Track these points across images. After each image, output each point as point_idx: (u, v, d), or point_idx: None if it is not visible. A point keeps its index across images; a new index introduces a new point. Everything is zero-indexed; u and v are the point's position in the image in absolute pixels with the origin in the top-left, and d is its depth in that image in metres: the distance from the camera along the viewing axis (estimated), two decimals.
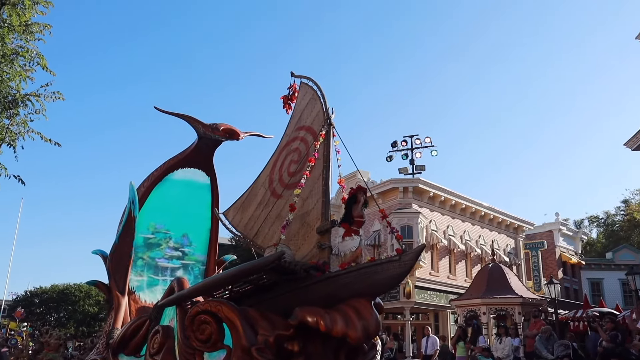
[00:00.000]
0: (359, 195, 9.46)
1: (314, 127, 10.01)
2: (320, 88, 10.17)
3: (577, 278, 45.41)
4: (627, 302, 36.96)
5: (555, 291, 26.94)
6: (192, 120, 11.79)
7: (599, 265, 44.55)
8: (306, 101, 10.55)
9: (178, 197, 12.41)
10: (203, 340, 8.51)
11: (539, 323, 22.79)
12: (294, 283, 8.61)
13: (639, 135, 23.46)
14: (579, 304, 32.77)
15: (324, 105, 9.93)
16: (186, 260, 12.50)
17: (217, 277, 8.48)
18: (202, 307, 8.55)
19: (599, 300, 32.68)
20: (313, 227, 9.44)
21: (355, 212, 9.23)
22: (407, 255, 7.93)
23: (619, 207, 58.81)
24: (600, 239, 60.47)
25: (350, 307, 7.87)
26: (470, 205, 37.21)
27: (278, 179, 10.58)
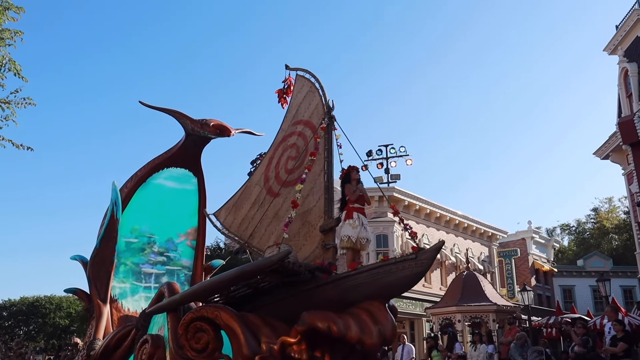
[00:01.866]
0: (353, 174, 8.72)
1: (313, 121, 9.22)
2: (319, 80, 9.41)
3: (549, 285, 45.30)
4: (597, 308, 36.81)
5: (529, 298, 26.71)
6: (179, 116, 10.85)
7: (571, 273, 44.47)
8: (303, 94, 9.77)
9: (163, 198, 11.44)
10: (199, 350, 7.61)
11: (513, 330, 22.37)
12: (297, 286, 7.78)
13: (607, 145, 23.23)
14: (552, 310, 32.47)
15: (323, 97, 9.16)
16: (171, 266, 11.52)
17: (214, 281, 7.61)
18: (198, 314, 7.66)
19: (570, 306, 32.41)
20: (315, 226, 8.63)
21: (350, 190, 8.53)
22: (424, 253, 7.16)
23: (589, 216, 58.79)
24: (572, 246, 60.37)
25: (363, 310, 7.05)
26: (444, 213, 36.69)
27: (274, 177, 9.75)
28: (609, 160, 23.69)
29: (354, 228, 8.41)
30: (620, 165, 23.51)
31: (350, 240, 8.34)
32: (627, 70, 22.23)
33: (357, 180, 8.64)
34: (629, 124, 20.10)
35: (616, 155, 23.11)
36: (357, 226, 8.42)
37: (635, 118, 19.95)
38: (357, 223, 8.44)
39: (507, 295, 37.49)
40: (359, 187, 8.57)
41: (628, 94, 22.66)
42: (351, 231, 8.41)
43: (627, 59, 22.34)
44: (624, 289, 40.86)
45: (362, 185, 8.66)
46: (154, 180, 11.40)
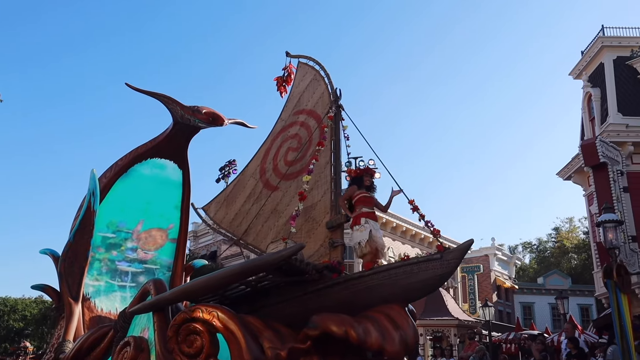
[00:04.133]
0: (366, 179, 7.75)
1: (317, 111, 8.23)
2: (324, 67, 8.43)
3: (510, 301, 45.05)
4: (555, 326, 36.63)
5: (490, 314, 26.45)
6: (168, 101, 9.60)
7: (531, 290, 44.35)
8: (306, 82, 8.77)
9: (144, 191, 10.10)
10: (191, 355, 6.42)
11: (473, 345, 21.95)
12: (302, 286, 6.72)
13: (570, 166, 22.98)
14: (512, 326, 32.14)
15: (330, 85, 8.18)
16: (150, 264, 10.19)
17: (213, 277, 6.48)
18: (192, 314, 6.47)
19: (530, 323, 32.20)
20: (320, 222, 7.60)
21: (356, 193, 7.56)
22: (450, 253, 6.20)
23: (550, 234, 58.57)
24: (533, 264, 60.04)
25: (382, 314, 6.03)
26: (410, 228, 36.03)
27: (272, 169, 8.69)
28: (571, 181, 23.39)
29: (364, 231, 7.42)
30: (581, 186, 23.29)
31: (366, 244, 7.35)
32: (591, 94, 22.11)
33: (368, 186, 7.73)
34: (591, 147, 19.88)
35: (578, 176, 22.87)
36: (365, 228, 7.42)
37: (597, 141, 19.72)
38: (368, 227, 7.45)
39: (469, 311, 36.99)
40: None
41: (591, 118, 22.50)
42: (361, 235, 7.42)
43: (591, 84, 22.22)
44: (581, 307, 40.89)
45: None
46: (135, 171, 10.09)
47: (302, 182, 7.62)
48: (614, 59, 21.41)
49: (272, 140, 9.08)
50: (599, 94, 21.64)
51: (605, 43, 21.51)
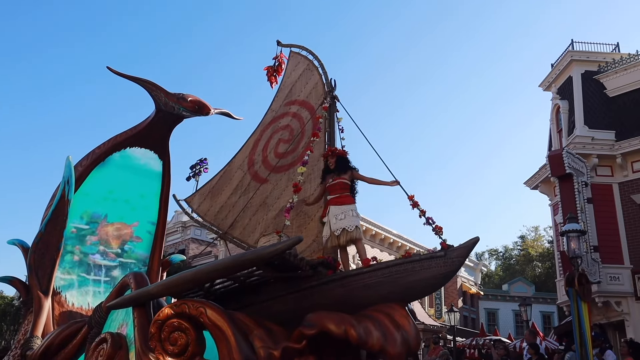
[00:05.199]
0: (329, 160, 7.19)
1: (311, 102, 7.75)
2: (318, 57, 7.95)
3: (475, 307, 45.02)
4: (518, 332, 36.70)
5: (455, 319, 26.27)
6: (152, 87, 8.91)
7: (496, 296, 44.35)
8: (299, 72, 8.28)
9: (121, 182, 9.41)
10: (175, 353, 5.84)
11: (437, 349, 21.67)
12: (294, 283, 6.20)
13: (537, 176, 22.96)
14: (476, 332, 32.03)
15: (324, 75, 7.70)
16: (125, 259, 9.49)
17: (201, 271, 5.90)
18: (177, 309, 5.89)
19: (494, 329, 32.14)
20: (312, 217, 7.11)
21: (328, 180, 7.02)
22: (454, 250, 5.75)
23: (516, 242, 58.40)
24: (498, 271, 60.13)
25: (382, 314, 5.55)
26: (380, 232, 35.63)
27: (262, 161, 8.15)
28: (537, 191, 23.36)
29: (326, 225, 6.95)
30: (547, 196, 23.27)
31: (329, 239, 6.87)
32: (559, 107, 22.11)
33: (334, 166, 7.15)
34: (558, 158, 19.83)
35: (544, 186, 22.84)
36: (327, 222, 6.92)
37: (564, 152, 19.69)
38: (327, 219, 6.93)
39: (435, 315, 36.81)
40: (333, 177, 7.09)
41: (559, 129, 22.50)
42: (324, 230, 6.98)
43: (559, 97, 22.23)
44: (544, 314, 41.11)
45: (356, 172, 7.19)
46: (113, 160, 9.40)
47: (294, 174, 7.13)
48: (582, 73, 21.44)
49: (261, 131, 8.55)
50: (567, 107, 21.66)
51: (574, 57, 21.54)
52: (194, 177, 31.78)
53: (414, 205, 6.69)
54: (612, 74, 21.18)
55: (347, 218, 6.83)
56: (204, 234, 30.29)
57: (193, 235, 31.88)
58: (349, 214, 6.87)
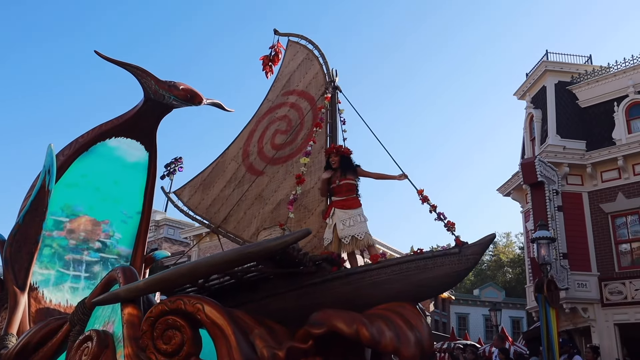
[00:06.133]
0: (331, 158, 6.70)
1: (310, 92, 7.30)
2: (318, 47, 7.50)
3: (446, 312, 44.86)
4: (488, 337, 36.61)
5: None
6: (142, 74, 8.28)
7: (467, 301, 44.19)
8: (297, 62, 7.82)
9: (105, 173, 8.76)
10: (169, 353, 5.29)
11: None
12: (296, 279, 5.72)
13: (510, 183, 22.92)
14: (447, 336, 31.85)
15: (325, 65, 7.25)
16: (106, 254, 8.84)
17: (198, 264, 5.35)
18: (172, 305, 5.34)
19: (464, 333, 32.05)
20: (312, 211, 6.64)
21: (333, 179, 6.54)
22: (470, 247, 5.35)
23: (488, 248, 57.77)
24: (470, 276, 59.45)
25: (394, 313, 5.11)
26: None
27: (257, 152, 7.65)
28: (510, 198, 23.30)
29: (329, 228, 6.45)
30: (519, 203, 23.23)
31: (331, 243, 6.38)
32: (533, 115, 22.11)
33: (337, 165, 6.69)
34: (530, 166, 19.78)
35: (517, 193, 22.78)
36: (331, 225, 6.44)
37: (536, 161, 19.64)
38: (331, 222, 6.46)
39: None
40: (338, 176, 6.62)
41: (532, 138, 22.50)
42: (326, 233, 6.49)
43: (533, 106, 22.23)
44: (513, 319, 41.16)
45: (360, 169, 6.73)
46: (97, 150, 8.75)
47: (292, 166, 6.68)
48: (556, 83, 21.49)
49: (257, 121, 8.05)
50: (540, 116, 21.67)
51: (548, 67, 21.58)
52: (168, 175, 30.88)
53: (424, 200, 6.25)
54: (585, 85, 21.28)
55: (357, 225, 6.37)
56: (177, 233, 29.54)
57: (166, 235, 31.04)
58: (357, 220, 6.41)
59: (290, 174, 7.01)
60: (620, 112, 20.20)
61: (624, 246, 19.83)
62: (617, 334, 18.91)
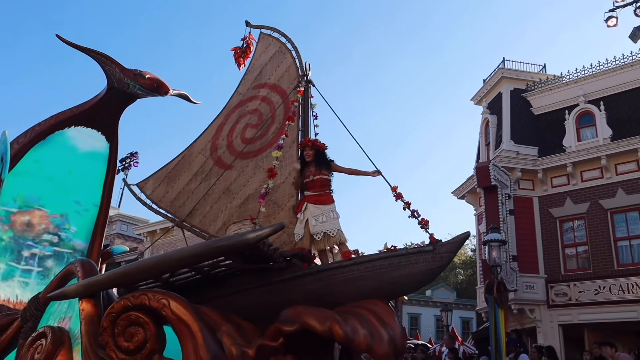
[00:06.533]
0: (305, 152, 6.49)
1: (282, 85, 7.08)
2: (291, 40, 7.29)
3: (399, 312, 45.03)
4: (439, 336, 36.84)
5: None
6: (106, 61, 7.86)
7: (419, 301, 44.30)
8: (269, 55, 7.59)
9: (62, 164, 8.29)
10: (130, 350, 5.00)
11: None
12: (265, 275, 5.50)
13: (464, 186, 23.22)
14: None
15: (298, 59, 7.05)
16: (61, 248, 8.35)
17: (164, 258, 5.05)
18: (135, 301, 5.06)
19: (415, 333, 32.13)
20: (282, 206, 6.42)
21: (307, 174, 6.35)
22: (444, 245, 5.25)
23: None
24: None
25: (367, 311, 4.96)
26: None
27: (226, 146, 7.37)
28: (464, 201, 23.57)
29: (300, 223, 6.24)
30: (473, 206, 23.51)
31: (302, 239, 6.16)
32: (489, 121, 22.41)
33: (312, 159, 6.46)
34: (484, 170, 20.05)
35: (471, 196, 23.06)
36: (302, 221, 6.23)
37: (490, 165, 19.92)
38: (303, 217, 6.25)
39: None
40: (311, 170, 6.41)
41: (487, 143, 22.79)
42: (298, 228, 6.28)
43: (489, 111, 22.53)
44: (463, 320, 41.56)
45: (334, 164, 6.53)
46: (54, 139, 8.27)
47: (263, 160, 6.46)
48: (512, 90, 21.81)
49: (226, 114, 7.77)
50: (496, 121, 21.97)
51: (505, 74, 21.89)
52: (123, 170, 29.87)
53: (398, 197, 6.12)
54: (538, 93, 21.70)
55: (329, 221, 6.16)
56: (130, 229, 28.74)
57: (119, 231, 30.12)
58: (330, 216, 6.21)
59: (260, 169, 6.79)
60: (571, 120, 20.65)
61: (570, 250, 20.26)
62: (560, 334, 19.33)
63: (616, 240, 19.20)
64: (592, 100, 20.49)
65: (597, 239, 19.32)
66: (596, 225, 19.44)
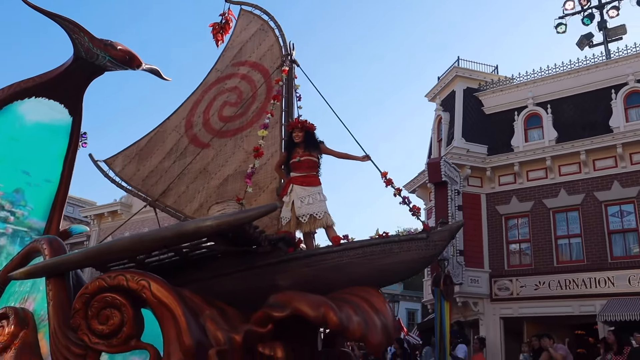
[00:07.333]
0: (295, 134, 6.19)
1: (264, 64, 6.74)
2: (274, 18, 6.94)
3: None
4: None
5: None
6: (74, 28, 7.18)
7: None
8: (250, 32, 7.21)
9: (19, 136, 7.65)
10: (105, 334, 4.59)
11: None
12: (249, 259, 5.19)
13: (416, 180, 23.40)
14: None
15: (282, 38, 6.72)
16: (15, 225, 7.70)
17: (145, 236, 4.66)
18: (112, 282, 4.63)
19: None
20: (264, 188, 6.10)
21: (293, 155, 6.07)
22: (438, 233, 5.07)
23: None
24: None
25: (359, 298, 4.73)
26: None
27: (202, 124, 6.96)
28: (415, 195, 23.70)
29: (286, 206, 5.92)
30: (423, 200, 23.68)
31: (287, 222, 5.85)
32: (442, 118, 22.59)
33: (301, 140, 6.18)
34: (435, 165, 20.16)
35: (421, 191, 23.22)
36: (288, 203, 5.93)
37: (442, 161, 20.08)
38: (289, 199, 5.97)
39: None
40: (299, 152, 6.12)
41: (439, 139, 22.98)
42: (284, 211, 5.94)
43: (442, 108, 22.72)
44: (409, 311, 41.96)
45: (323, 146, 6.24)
46: (12, 109, 7.60)
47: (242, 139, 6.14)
48: (465, 89, 22.06)
49: (203, 91, 7.34)
50: (448, 119, 22.18)
51: (459, 73, 22.12)
52: None
53: (388, 183, 5.89)
54: (490, 93, 22.00)
55: (316, 203, 5.86)
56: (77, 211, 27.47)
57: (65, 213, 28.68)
58: (316, 198, 5.91)
59: (240, 148, 6.44)
60: (519, 121, 21.03)
61: (514, 246, 20.65)
62: (501, 326, 19.70)
63: (557, 238, 19.67)
64: (540, 103, 20.91)
65: (539, 237, 19.76)
66: (539, 223, 19.87)
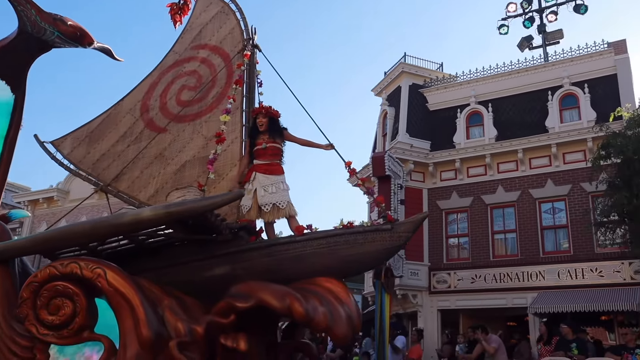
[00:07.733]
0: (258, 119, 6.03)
1: (225, 48, 6.50)
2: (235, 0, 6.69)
3: None
4: None
5: None
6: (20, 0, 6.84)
7: None
8: (210, 14, 6.92)
9: None
10: (55, 325, 4.32)
11: None
12: (208, 247, 4.99)
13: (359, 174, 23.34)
14: None
15: (243, 21, 6.49)
16: None
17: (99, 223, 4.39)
18: (63, 270, 4.35)
19: None
20: (224, 176, 5.87)
21: None
22: (402, 224, 5.03)
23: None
24: None
25: (322, 289, 4.62)
26: None
27: (159, 108, 6.63)
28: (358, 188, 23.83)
29: (248, 194, 5.70)
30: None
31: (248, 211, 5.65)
32: (387, 112, 22.77)
33: (265, 127, 6.01)
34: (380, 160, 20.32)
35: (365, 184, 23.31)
36: (250, 191, 5.74)
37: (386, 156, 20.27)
38: (251, 187, 5.77)
39: None
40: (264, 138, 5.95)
41: (384, 133, 23.16)
42: (244, 199, 5.70)
43: (388, 103, 22.89)
44: None
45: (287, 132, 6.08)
46: None
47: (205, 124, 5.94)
48: (410, 85, 22.29)
49: (160, 73, 6.99)
50: (394, 114, 22.36)
51: (405, 69, 22.30)
52: None
53: (352, 173, 5.80)
54: (434, 90, 22.32)
55: (279, 192, 5.69)
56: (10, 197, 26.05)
57: None
58: (279, 187, 5.74)
59: (198, 134, 6.19)
60: (461, 118, 21.44)
61: (453, 240, 21.08)
62: (439, 318, 20.11)
63: (494, 233, 20.21)
64: (481, 102, 21.37)
65: (477, 231, 20.22)
66: (477, 218, 20.33)
